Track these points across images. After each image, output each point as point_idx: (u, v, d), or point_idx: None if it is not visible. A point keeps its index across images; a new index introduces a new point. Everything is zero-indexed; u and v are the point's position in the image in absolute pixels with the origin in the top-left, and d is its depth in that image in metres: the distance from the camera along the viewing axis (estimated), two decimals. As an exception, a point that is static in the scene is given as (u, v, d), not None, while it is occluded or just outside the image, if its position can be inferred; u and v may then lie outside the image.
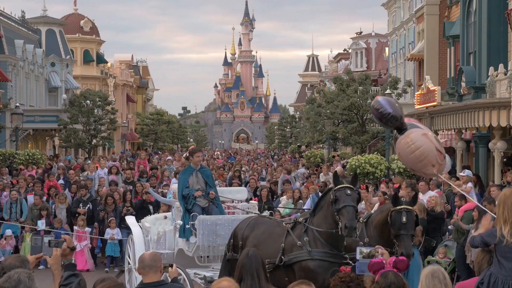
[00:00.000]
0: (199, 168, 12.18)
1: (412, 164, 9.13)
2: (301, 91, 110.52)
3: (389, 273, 5.37)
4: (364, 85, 38.51)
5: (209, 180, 12.18)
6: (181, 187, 11.92)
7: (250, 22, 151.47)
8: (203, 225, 11.28)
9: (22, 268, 5.23)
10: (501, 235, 6.49)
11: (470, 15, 27.18)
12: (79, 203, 18.24)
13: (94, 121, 45.35)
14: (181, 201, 11.82)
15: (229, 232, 10.89)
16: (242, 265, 6.36)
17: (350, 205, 8.92)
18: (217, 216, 11.65)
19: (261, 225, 10.24)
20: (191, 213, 11.61)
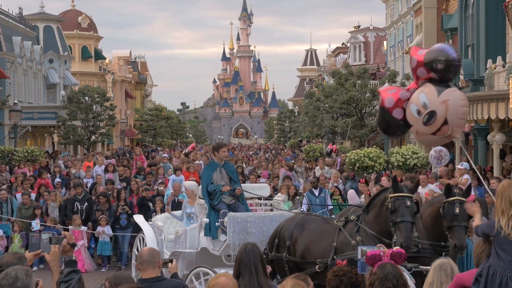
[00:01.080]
0: (223, 164, 11.83)
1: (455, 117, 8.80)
2: (299, 85, 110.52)
3: (386, 265, 5.39)
4: (363, 78, 38.56)
5: (233, 176, 11.82)
6: (205, 183, 11.56)
7: (248, 17, 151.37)
8: (234, 223, 10.86)
9: (19, 265, 5.22)
10: (499, 226, 6.51)
11: (468, 7, 27.17)
12: (74, 202, 17.66)
13: (92, 118, 45.32)
14: (205, 198, 11.47)
15: (259, 229, 10.72)
16: (240, 260, 6.32)
17: (409, 221, 8.52)
18: (247, 213, 11.31)
19: (311, 223, 9.91)
20: (219, 211, 11.25)
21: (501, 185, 6.74)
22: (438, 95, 8.63)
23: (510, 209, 6.51)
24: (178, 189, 17.32)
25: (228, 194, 11.49)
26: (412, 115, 8.81)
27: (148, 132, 71.22)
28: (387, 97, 9.04)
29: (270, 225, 10.85)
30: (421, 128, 8.82)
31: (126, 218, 17.17)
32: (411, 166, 21.91)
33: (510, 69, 18.45)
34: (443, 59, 8.58)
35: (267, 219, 10.89)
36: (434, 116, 8.61)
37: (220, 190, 11.40)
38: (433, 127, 8.73)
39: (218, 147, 12.03)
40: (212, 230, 11.17)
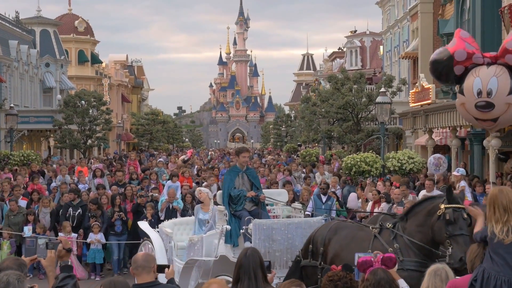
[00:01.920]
0: (245, 169, 11.50)
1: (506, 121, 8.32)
2: (296, 90, 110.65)
3: (378, 270, 5.40)
4: (359, 83, 38.58)
5: (255, 182, 11.50)
6: (227, 188, 11.20)
7: (245, 21, 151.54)
8: (259, 230, 10.49)
9: (18, 271, 5.22)
10: (492, 233, 6.54)
11: (464, 13, 27.22)
12: (68, 207, 17.08)
13: (89, 122, 45.31)
14: (226, 204, 11.11)
15: (284, 236, 10.45)
16: (240, 265, 6.29)
17: (467, 234, 8.04)
18: (273, 220, 11.02)
19: (344, 229, 9.64)
20: (240, 217, 10.92)
21: (491, 193, 6.76)
22: (508, 94, 8.21)
23: (505, 216, 6.53)
24: (173, 195, 17.03)
25: (249, 200, 11.20)
26: (471, 89, 8.25)
27: (144, 136, 71.20)
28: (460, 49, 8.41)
29: (295, 232, 10.61)
30: (470, 106, 8.31)
31: (121, 224, 16.87)
32: (407, 171, 21.94)
33: (506, 74, 18.46)
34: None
35: (292, 226, 10.61)
36: (490, 108, 8.16)
37: (244, 195, 11.10)
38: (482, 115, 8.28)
39: (239, 152, 11.69)
40: (233, 238, 10.84)
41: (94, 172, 21.95)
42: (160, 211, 16.89)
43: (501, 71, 8.19)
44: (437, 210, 8.30)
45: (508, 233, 6.46)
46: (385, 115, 24.80)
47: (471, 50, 8.43)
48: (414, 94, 30.56)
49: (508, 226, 6.49)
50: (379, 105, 24.94)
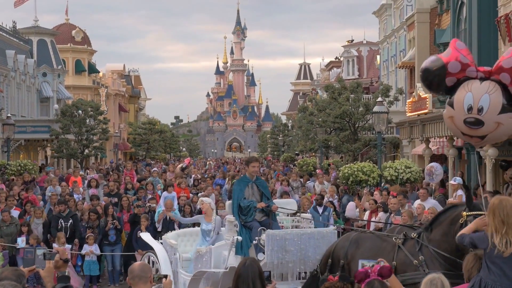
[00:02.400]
0: (254, 179, 11.34)
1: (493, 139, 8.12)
2: (293, 99, 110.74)
3: (374, 282, 5.38)
4: (356, 93, 38.62)
5: (265, 192, 11.34)
6: (236, 199, 11.05)
7: (242, 31, 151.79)
8: (272, 240, 10.29)
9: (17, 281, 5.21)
10: (493, 244, 6.54)
11: (461, 22, 27.30)
12: (58, 219, 16.82)
13: (86, 131, 45.26)
14: (236, 214, 10.93)
15: (297, 247, 10.26)
16: (239, 274, 6.27)
17: None
18: (286, 231, 10.82)
19: (365, 240, 9.37)
20: (251, 228, 10.73)
21: (492, 203, 6.76)
22: (498, 113, 8.02)
23: (503, 228, 6.54)
24: (170, 206, 16.59)
25: (259, 211, 11.04)
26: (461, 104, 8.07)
27: (141, 145, 71.15)
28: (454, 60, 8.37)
29: (308, 243, 10.44)
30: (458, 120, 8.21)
31: (115, 233, 16.66)
32: (404, 181, 21.95)
33: (502, 84, 18.49)
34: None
35: (305, 237, 10.42)
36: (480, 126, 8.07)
37: (254, 206, 10.93)
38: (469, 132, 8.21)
39: (248, 162, 11.56)
40: (244, 249, 10.63)
41: (89, 183, 21.64)
42: (157, 222, 16.60)
43: (494, 88, 8.11)
44: (460, 218, 8.11)
45: (507, 246, 6.48)
46: (382, 125, 24.82)
47: (465, 62, 8.37)
48: (411, 104, 30.61)
49: (506, 238, 6.51)
50: (376, 114, 24.97)
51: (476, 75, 8.18)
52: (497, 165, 22.59)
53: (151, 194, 20.00)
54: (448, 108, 8.31)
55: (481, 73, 8.18)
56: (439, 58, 8.44)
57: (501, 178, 22.84)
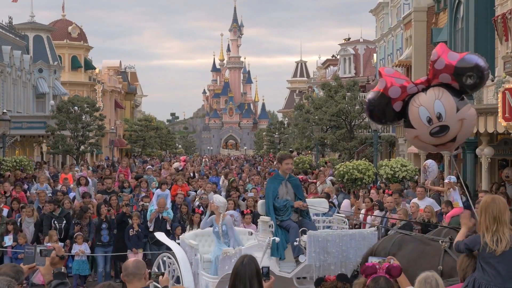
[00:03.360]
0: (288, 177, 10.91)
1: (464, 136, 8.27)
2: (289, 97, 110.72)
3: (380, 278, 5.36)
4: (352, 91, 38.68)
5: (298, 191, 10.90)
6: (271, 198, 10.59)
7: (239, 28, 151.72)
8: (314, 242, 9.88)
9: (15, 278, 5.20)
10: (484, 242, 6.56)
11: (458, 21, 27.33)
12: (51, 219, 16.14)
13: (82, 128, 45.22)
14: (272, 215, 10.51)
15: (339, 249, 9.90)
16: (236, 272, 6.23)
17: None
18: (327, 231, 10.39)
19: (409, 243, 9.13)
20: (287, 228, 10.35)
21: (483, 201, 6.78)
22: (457, 111, 8.12)
23: (494, 225, 6.56)
24: (163, 205, 16.28)
25: (293, 211, 10.64)
26: (419, 120, 8.14)
27: (137, 142, 71.15)
28: (394, 86, 8.35)
29: (349, 244, 10.10)
30: (425, 136, 8.28)
31: (108, 234, 15.92)
32: (400, 179, 21.97)
33: (499, 83, 18.56)
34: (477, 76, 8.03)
35: (347, 238, 10.06)
36: (446, 131, 8.11)
37: (291, 205, 10.54)
38: (439, 141, 8.26)
39: (281, 159, 11.04)
40: (280, 250, 10.25)
41: (79, 180, 21.06)
42: (149, 222, 16.10)
43: (440, 92, 8.19)
44: None
45: (498, 243, 6.49)
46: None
47: (402, 84, 8.48)
48: (407, 102, 30.60)
49: (497, 236, 6.52)
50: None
51: (417, 89, 8.28)
52: (493, 164, 22.64)
53: (145, 192, 19.48)
54: (409, 130, 8.41)
55: (421, 85, 8.29)
56: (377, 91, 8.57)
57: (497, 177, 22.88)
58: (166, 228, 15.91)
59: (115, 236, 15.97)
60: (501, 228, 6.54)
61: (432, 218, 13.68)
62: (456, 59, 8.12)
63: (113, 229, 15.97)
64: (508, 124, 16.63)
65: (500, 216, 6.56)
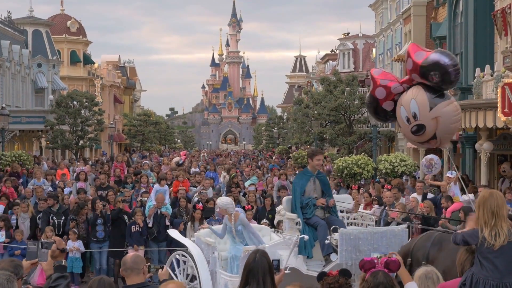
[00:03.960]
0: (316, 174, 10.62)
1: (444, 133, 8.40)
2: (288, 92, 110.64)
3: (379, 273, 5.36)
4: (351, 86, 38.66)
5: (325, 188, 10.67)
6: (298, 194, 10.38)
7: (238, 23, 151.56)
8: (346, 240, 9.62)
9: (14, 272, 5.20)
10: (483, 237, 6.57)
11: (457, 16, 27.31)
12: (49, 214, 15.76)
13: (81, 122, 45.19)
14: (299, 212, 10.27)
15: (370, 247, 9.61)
16: (249, 269, 6.25)
17: None
18: (359, 229, 10.19)
19: (449, 242, 8.56)
20: (320, 226, 10.09)
21: (481, 196, 6.78)
22: (430, 110, 8.21)
23: (492, 220, 6.56)
24: (162, 201, 15.91)
25: (320, 208, 10.43)
26: (401, 119, 8.44)
27: (136, 137, 71.15)
28: (379, 88, 8.58)
29: (380, 242, 9.83)
30: (408, 134, 8.51)
31: (104, 230, 15.57)
32: (399, 174, 21.98)
33: (498, 77, 18.55)
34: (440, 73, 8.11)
35: (378, 236, 9.81)
36: (423, 129, 8.26)
37: (314, 204, 10.34)
38: (421, 138, 8.41)
39: (312, 154, 10.65)
40: (308, 248, 9.99)
41: (78, 176, 20.50)
42: (147, 217, 15.68)
43: (416, 91, 8.34)
44: None
45: (496, 237, 6.50)
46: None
47: (386, 84, 8.63)
48: (406, 97, 30.58)
49: (495, 230, 6.53)
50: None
51: (403, 88, 8.45)
52: (493, 159, 22.65)
53: (145, 188, 18.95)
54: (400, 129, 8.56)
55: (405, 84, 8.46)
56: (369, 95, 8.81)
57: (496, 172, 22.90)
58: (165, 224, 15.65)
59: (111, 232, 15.63)
60: (499, 223, 6.54)
61: (431, 213, 13.72)
62: (422, 58, 8.22)
63: (108, 225, 15.63)
64: (507, 119, 16.62)
65: (498, 211, 6.57)
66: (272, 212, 15.82)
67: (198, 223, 14.87)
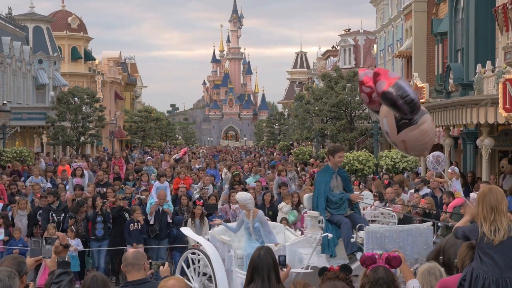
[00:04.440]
0: (337, 170, 10.48)
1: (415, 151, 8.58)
2: (289, 88, 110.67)
3: (379, 268, 5.37)
4: (353, 82, 38.64)
5: (346, 185, 10.53)
6: (323, 191, 10.18)
7: (239, 19, 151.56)
8: (372, 238, 9.45)
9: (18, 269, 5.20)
10: (482, 232, 6.57)
11: (458, 12, 27.27)
12: (48, 212, 15.51)
13: (82, 119, 45.19)
14: (322, 210, 10.08)
15: (396, 245, 9.38)
16: (254, 266, 6.28)
17: None
18: (385, 227, 9.97)
19: None
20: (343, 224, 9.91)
21: (481, 191, 6.80)
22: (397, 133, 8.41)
23: (492, 215, 6.56)
24: (163, 197, 15.75)
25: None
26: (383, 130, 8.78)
27: (137, 133, 71.15)
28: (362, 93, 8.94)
29: (406, 240, 9.65)
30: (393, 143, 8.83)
31: (103, 228, 15.39)
32: (400, 170, 21.98)
33: (499, 73, 18.53)
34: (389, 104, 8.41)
35: (404, 234, 9.60)
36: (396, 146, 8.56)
37: (348, 198, 10.20)
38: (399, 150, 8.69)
39: (334, 151, 10.48)
40: (331, 247, 9.81)
41: (75, 171, 20.35)
42: (149, 215, 15.53)
43: (386, 110, 8.54)
44: None
45: (495, 233, 6.50)
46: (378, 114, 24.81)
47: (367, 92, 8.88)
48: (407, 93, 30.56)
49: (495, 225, 6.53)
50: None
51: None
52: (494, 155, 22.65)
53: (145, 186, 18.64)
54: None
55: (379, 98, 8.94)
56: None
57: (497, 168, 22.90)
58: (167, 221, 15.57)
59: (111, 230, 15.44)
60: (499, 218, 6.55)
61: (432, 209, 13.74)
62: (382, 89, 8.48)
63: (108, 223, 15.46)
64: (508, 115, 16.61)
65: (498, 206, 6.57)
66: (272, 208, 15.78)
67: (199, 220, 14.84)
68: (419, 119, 8.53)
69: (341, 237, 9.95)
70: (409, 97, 8.46)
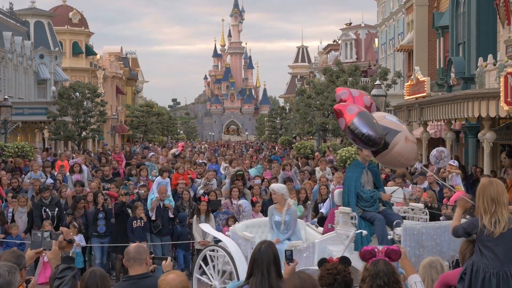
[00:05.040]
0: (367, 165, 10.29)
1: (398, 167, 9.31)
2: (291, 82, 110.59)
3: (379, 261, 5.38)
4: (354, 76, 38.61)
5: (377, 180, 10.32)
6: (354, 187, 9.94)
7: (240, 14, 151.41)
8: (410, 235, 9.20)
9: (17, 263, 5.20)
10: (482, 225, 6.57)
11: (459, 5, 27.22)
12: (41, 207, 15.32)
13: (83, 114, 45.22)
14: (354, 206, 9.83)
15: (433, 242, 9.19)
16: (254, 260, 6.27)
17: None
18: (422, 224, 9.71)
19: None
20: (377, 220, 9.68)
21: (481, 184, 6.79)
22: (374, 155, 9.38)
23: (492, 207, 6.56)
24: (165, 192, 15.57)
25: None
26: None
27: (139, 128, 71.15)
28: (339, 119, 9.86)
29: (443, 237, 9.33)
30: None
31: (105, 224, 15.20)
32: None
33: (501, 67, 18.50)
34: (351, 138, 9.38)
35: (441, 230, 9.31)
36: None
37: (379, 197, 10.00)
38: None
39: None
40: (364, 244, 9.39)
41: (72, 168, 20.14)
42: (150, 211, 15.33)
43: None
44: None
45: (496, 224, 6.50)
46: (379, 108, 24.84)
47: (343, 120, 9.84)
48: (409, 87, 30.60)
49: (495, 218, 6.52)
50: (374, 97, 24.96)
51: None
52: (495, 149, 22.65)
53: (144, 181, 18.37)
54: None
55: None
56: None
57: (499, 162, 22.91)
58: (169, 216, 15.42)
59: (113, 227, 15.24)
60: (500, 210, 6.54)
61: (433, 203, 13.76)
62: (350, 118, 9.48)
63: (110, 219, 15.29)
64: (510, 108, 16.61)
65: (499, 198, 6.56)
66: None
67: (204, 216, 14.76)
68: (390, 142, 8.95)
69: (374, 234, 9.75)
70: (365, 135, 9.11)
